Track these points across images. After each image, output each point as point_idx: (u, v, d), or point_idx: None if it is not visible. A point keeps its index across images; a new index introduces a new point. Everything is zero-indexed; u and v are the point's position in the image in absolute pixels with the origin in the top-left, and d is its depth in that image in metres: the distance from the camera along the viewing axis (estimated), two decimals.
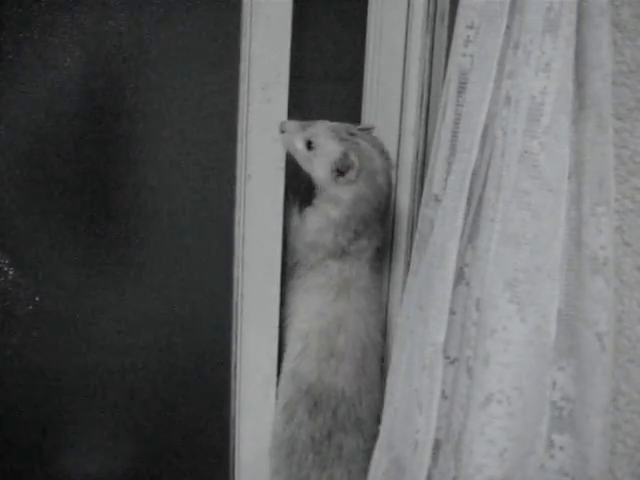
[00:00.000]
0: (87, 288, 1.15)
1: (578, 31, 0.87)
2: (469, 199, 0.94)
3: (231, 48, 1.18)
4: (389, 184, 1.23)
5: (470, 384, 0.89)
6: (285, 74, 1.18)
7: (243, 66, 1.17)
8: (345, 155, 1.16)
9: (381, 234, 1.24)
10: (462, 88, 0.97)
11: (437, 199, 1.01)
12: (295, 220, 1.27)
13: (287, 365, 1.22)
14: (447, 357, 0.97)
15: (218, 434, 1.28)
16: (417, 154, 1.28)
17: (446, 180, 0.98)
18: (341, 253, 1.20)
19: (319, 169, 1.19)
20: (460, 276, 0.97)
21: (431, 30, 1.22)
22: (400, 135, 1.30)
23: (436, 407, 0.93)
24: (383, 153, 1.22)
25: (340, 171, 1.17)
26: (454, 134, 0.98)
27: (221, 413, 1.26)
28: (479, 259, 0.91)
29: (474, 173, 0.93)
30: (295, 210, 1.27)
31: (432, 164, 1.02)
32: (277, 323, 1.23)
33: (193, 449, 1.27)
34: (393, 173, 1.27)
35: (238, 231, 1.20)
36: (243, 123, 1.18)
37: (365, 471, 1.15)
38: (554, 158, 0.85)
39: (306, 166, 1.21)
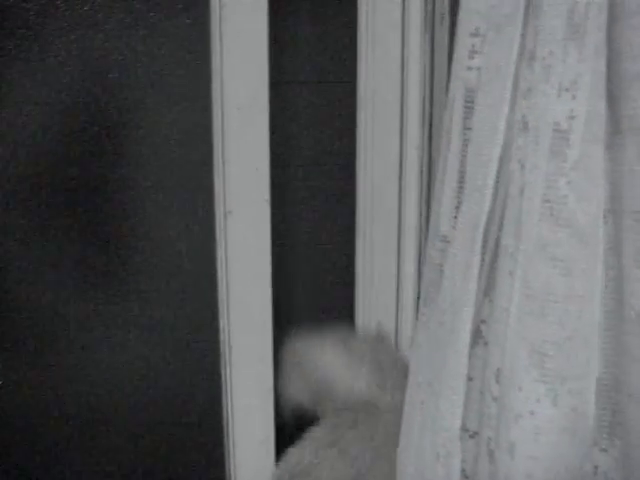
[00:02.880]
0: (73, 345, 1.03)
1: (610, 37, 0.70)
2: (483, 245, 0.78)
3: (202, 65, 1.03)
4: None
5: (493, 472, 0.74)
6: (264, 93, 1.02)
7: (215, 85, 1.02)
8: None
9: None
10: (469, 109, 0.80)
11: (445, 240, 0.85)
12: None
13: None
14: (466, 430, 0.82)
15: None
16: (422, 172, 1.12)
17: (456, 218, 0.82)
18: None
19: None
20: (477, 335, 0.81)
21: (430, 31, 1.05)
22: (402, 150, 1.14)
23: None
24: None
25: None
26: (462, 164, 0.82)
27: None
28: (497, 320, 0.75)
29: (488, 214, 0.76)
30: None
31: (438, 198, 0.86)
32: (271, 375, 1.09)
33: None
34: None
35: (221, 275, 1.06)
36: (219, 151, 1.03)
37: None
38: (586, 200, 0.68)
39: None
